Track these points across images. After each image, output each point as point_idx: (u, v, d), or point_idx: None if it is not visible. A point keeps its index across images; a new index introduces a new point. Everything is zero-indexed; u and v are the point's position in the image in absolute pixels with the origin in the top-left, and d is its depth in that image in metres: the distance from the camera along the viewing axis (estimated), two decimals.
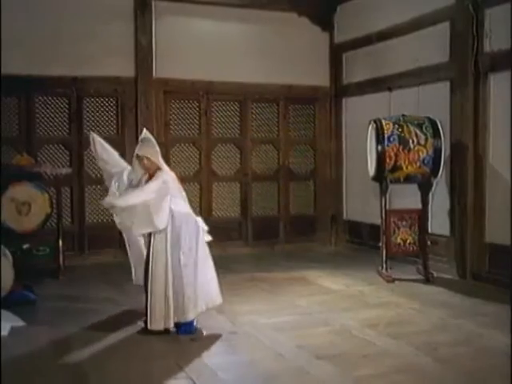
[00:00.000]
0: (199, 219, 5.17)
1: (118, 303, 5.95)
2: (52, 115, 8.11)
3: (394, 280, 6.87)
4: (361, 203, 8.93)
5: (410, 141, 6.80)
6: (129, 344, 4.82)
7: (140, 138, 5.24)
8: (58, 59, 7.90)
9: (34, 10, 7.76)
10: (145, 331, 5.00)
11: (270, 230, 9.22)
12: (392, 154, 6.78)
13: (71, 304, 5.99)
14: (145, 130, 5.32)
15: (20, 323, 5.21)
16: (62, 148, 8.19)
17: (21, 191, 6.72)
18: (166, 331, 4.96)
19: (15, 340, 4.78)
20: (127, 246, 5.45)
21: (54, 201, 7.18)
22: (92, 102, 8.29)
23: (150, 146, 5.08)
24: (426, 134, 6.83)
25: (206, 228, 5.18)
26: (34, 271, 6.71)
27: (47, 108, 8.08)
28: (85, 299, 6.15)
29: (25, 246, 6.45)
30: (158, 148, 5.11)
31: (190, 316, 4.99)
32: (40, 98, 8.03)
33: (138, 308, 5.72)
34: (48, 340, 4.89)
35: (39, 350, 4.66)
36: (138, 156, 5.06)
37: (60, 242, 7.14)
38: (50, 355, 4.57)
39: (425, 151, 6.81)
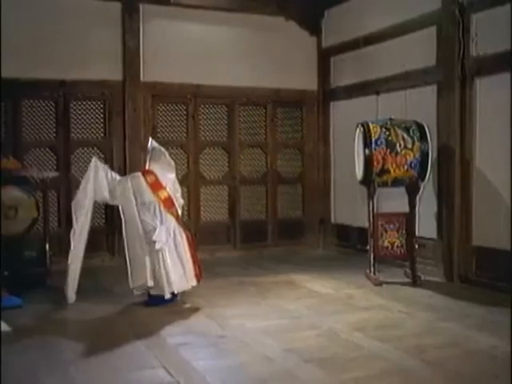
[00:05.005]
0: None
1: (105, 307, 5.92)
2: (39, 119, 8.07)
3: (381, 283, 6.88)
4: (349, 206, 8.96)
5: (398, 144, 6.83)
6: (115, 349, 4.78)
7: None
8: (45, 62, 7.87)
9: (21, 14, 7.73)
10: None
11: (258, 233, 9.22)
12: (379, 158, 6.80)
13: (58, 308, 5.95)
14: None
15: (6, 328, 5.16)
16: (49, 152, 8.15)
17: (7, 195, 6.66)
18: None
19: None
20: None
21: (41, 205, 7.14)
22: (79, 105, 8.26)
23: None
24: (413, 138, 6.86)
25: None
26: (21, 276, 6.66)
27: (34, 111, 8.04)
28: (71, 303, 6.11)
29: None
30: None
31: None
32: (27, 101, 7.99)
33: (126, 311, 5.74)
34: (34, 345, 4.85)
35: (25, 355, 4.63)
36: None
37: (47, 246, 7.09)
38: (37, 360, 4.53)
39: (412, 155, 6.84)
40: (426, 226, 7.35)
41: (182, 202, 6.40)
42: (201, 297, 6.31)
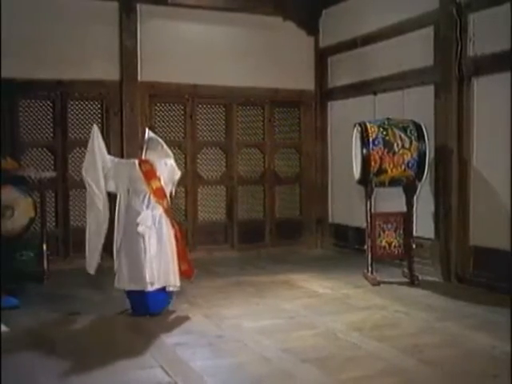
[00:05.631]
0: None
1: (102, 307, 5.91)
2: (36, 119, 8.06)
3: (379, 283, 6.89)
4: (346, 206, 8.96)
5: (395, 144, 6.83)
6: (112, 348, 4.79)
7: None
8: (42, 62, 7.86)
9: (18, 13, 7.71)
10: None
11: (255, 233, 9.22)
12: (377, 158, 6.81)
13: (55, 309, 5.94)
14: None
15: (4, 329, 5.15)
16: (47, 152, 8.13)
17: (4, 195, 6.65)
18: None
19: None
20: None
21: (38, 205, 7.13)
22: (77, 105, 8.25)
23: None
24: (410, 138, 6.86)
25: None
26: (18, 276, 6.65)
27: (31, 111, 8.03)
28: (69, 304, 6.10)
29: None
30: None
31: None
32: (24, 101, 7.97)
33: (122, 311, 5.73)
34: (31, 345, 4.84)
35: (23, 355, 4.62)
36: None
37: (44, 246, 7.09)
38: (34, 360, 4.52)
39: (409, 154, 6.84)
40: (424, 225, 7.35)
41: (178, 174, 6.11)
42: (198, 297, 6.32)
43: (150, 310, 5.59)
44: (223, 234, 9.09)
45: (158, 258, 5.56)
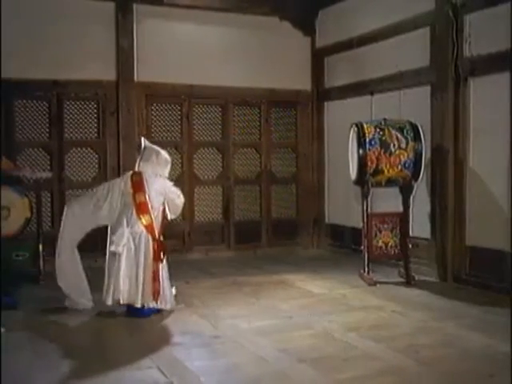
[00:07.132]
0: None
1: (99, 307, 5.89)
2: (32, 119, 8.04)
3: (375, 283, 6.89)
4: (343, 207, 8.97)
5: (392, 144, 6.84)
6: (108, 348, 4.79)
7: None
8: (38, 62, 7.85)
9: (14, 13, 7.69)
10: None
11: (252, 233, 9.22)
12: (373, 158, 6.81)
13: (52, 309, 5.93)
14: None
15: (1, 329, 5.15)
16: (43, 152, 8.12)
17: (1, 195, 6.64)
18: None
19: None
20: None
21: (34, 205, 7.12)
22: (73, 105, 8.24)
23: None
24: (407, 138, 6.87)
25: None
26: (14, 276, 6.64)
27: (27, 112, 8.01)
28: (67, 305, 6.09)
29: None
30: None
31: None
32: (20, 101, 7.95)
33: (119, 311, 5.72)
34: (28, 345, 4.83)
35: (19, 355, 4.60)
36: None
37: (40, 247, 7.07)
38: (30, 360, 4.51)
39: (406, 155, 6.85)
40: (420, 225, 7.37)
41: (180, 202, 6.07)
42: (194, 297, 6.31)
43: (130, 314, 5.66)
44: (220, 234, 9.09)
45: (130, 276, 5.51)
